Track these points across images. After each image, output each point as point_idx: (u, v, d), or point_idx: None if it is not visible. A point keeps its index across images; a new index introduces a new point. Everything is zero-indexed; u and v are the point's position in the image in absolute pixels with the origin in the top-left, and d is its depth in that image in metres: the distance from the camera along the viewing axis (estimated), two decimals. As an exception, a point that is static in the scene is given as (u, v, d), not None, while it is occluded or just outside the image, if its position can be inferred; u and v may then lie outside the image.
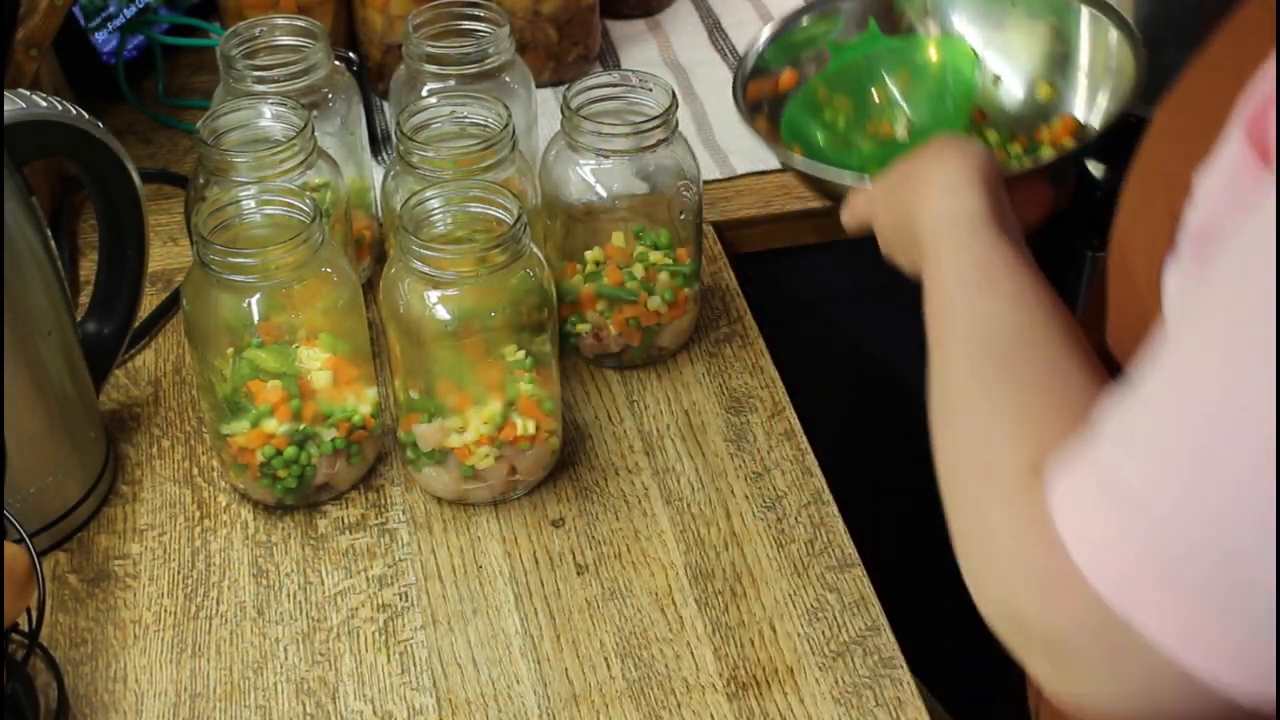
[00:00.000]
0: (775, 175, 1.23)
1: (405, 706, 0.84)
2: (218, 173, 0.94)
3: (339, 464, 0.93)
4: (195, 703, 0.84)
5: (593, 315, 1.02)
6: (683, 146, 0.99)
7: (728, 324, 1.09)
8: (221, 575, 0.91)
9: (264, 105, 0.98)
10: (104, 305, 0.97)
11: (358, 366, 0.93)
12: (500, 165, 0.95)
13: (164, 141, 1.29)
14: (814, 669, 0.85)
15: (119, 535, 0.94)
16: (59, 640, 0.87)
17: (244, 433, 0.90)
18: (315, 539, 0.93)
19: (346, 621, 0.88)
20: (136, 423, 1.01)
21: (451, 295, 0.87)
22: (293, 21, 1.05)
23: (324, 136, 1.00)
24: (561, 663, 0.86)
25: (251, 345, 0.88)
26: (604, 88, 0.99)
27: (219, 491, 0.96)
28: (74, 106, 0.89)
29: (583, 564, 0.91)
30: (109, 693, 0.85)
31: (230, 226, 0.88)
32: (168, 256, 1.15)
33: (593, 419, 1.01)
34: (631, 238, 1.01)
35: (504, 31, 1.05)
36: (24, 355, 0.87)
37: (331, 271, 0.89)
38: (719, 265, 1.14)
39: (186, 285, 0.89)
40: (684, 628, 0.88)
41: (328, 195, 0.98)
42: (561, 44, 1.31)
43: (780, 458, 0.98)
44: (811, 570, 0.91)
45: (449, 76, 1.04)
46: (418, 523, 0.94)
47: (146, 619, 0.89)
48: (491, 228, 0.88)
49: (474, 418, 0.91)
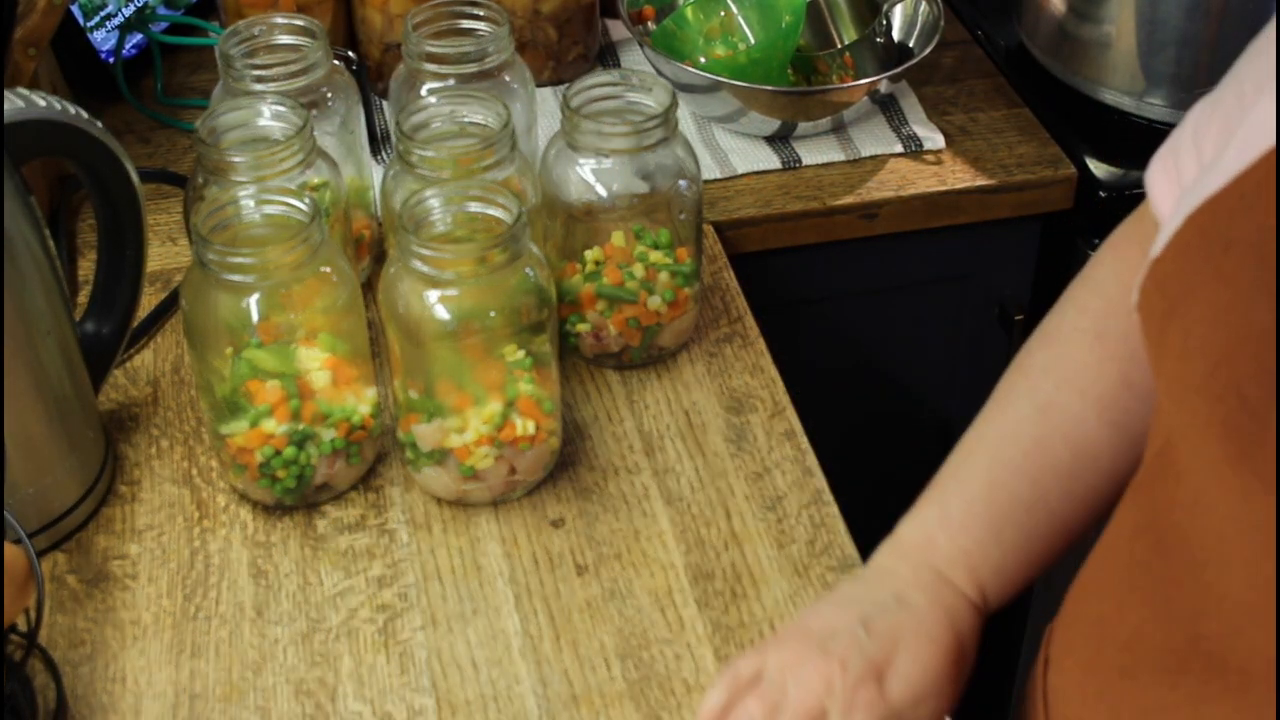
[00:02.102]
0: (775, 175, 1.23)
1: (405, 707, 0.84)
2: (217, 172, 0.94)
3: (338, 464, 0.93)
4: (194, 703, 0.84)
5: (593, 315, 1.02)
6: (683, 146, 0.99)
7: (728, 324, 1.09)
8: (220, 576, 0.91)
9: (263, 105, 0.97)
10: (103, 305, 0.97)
11: (357, 366, 0.92)
12: (500, 165, 0.95)
13: (163, 141, 1.29)
14: (814, 670, 0.85)
15: (118, 535, 0.94)
16: (57, 641, 0.87)
17: (243, 433, 0.90)
18: (314, 539, 0.93)
19: (346, 622, 0.88)
20: (135, 423, 1.01)
21: (451, 295, 0.86)
22: (292, 21, 1.04)
23: (323, 136, 1.00)
24: (561, 663, 0.86)
25: (250, 345, 0.88)
26: (604, 87, 0.99)
27: (218, 492, 0.96)
28: (72, 106, 0.89)
29: (583, 564, 0.91)
30: (107, 693, 0.84)
31: (229, 226, 0.88)
32: (166, 256, 1.15)
33: (593, 419, 1.01)
34: (631, 237, 1.01)
35: (504, 31, 1.05)
36: (23, 355, 0.87)
37: (331, 271, 0.88)
38: (719, 265, 1.14)
39: (185, 285, 0.88)
40: (684, 628, 0.87)
41: (327, 195, 0.98)
42: (561, 44, 1.31)
43: (780, 458, 0.98)
44: (812, 571, 0.91)
45: (448, 76, 1.04)
46: (417, 523, 0.94)
47: (145, 619, 0.89)
48: (491, 227, 0.88)
49: (474, 418, 0.91)
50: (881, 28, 1.31)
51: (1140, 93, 1.25)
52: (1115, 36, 1.24)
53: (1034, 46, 1.33)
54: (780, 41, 1.25)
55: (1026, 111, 1.30)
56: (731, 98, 1.22)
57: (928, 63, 1.26)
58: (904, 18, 1.30)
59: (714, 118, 1.27)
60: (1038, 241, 1.29)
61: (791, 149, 1.25)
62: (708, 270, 1.12)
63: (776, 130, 1.24)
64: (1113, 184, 1.22)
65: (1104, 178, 1.22)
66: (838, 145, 1.25)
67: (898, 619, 0.75)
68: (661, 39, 1.27)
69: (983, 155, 1.25)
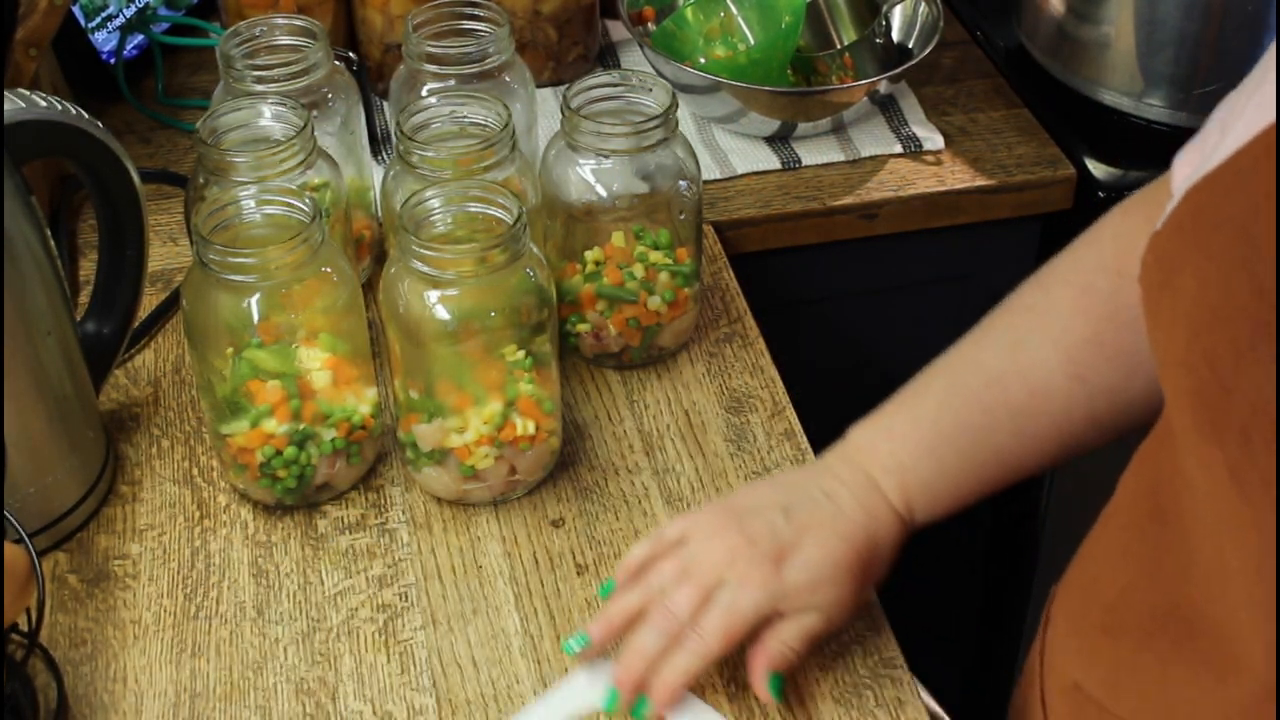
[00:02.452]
0: (775, 175, 1.23)
1: (405, 707, 0.84)
2: (217, 172, 0.94)
3: (339, 464, 0.93)
4: (195, 703, 0.84)
5: (593, 315, 1.02)
6: (683, 146, 0.99)
7: (728, 324, 1.09)
8: (221, 575, 0.91)
9: (264, 105, 0.97)
10: (104, 305, 0.97)
11: (357, 366, 0.92)
12: (500, 165, 0.95)
13: (163, 141, 1.29)
14: (814, 669, 0.85)
15: (118, 535, 0.94)
16: (58, 640, 0.87)
17: (243, 433, 0.90)
18: (315, 539, 0.93)
19: (346, 622, 0.88)
20: (136, 423, 1.01)
21: (451, 295, 0.87)
22: (292, 21, 1.05)
23: (324, 136, 1.00)
24: (561, 663, 0.86)
25: (251, 345, 0.88)
26: (604, 88, 0.99)
27: (219, 491, 0.96)
28: (73, 106, 0.89)
29: (583, 564, 0.91)
30: (108, 693, 0.85)
31: (230, 226, 0.88)
32: (167, 256, 1.15)
33: (593, 419, 1.01)
34: (631, 238, 1.01)
35: (504, 31, 1.05)
36: (23, 355, 0.87)
37: (331, 271, 0.88)
38: (719, 265, 1.14)
39: (186, 285, 0.89)
40: (684, 628, 0.87)
41: (327, 195, 0.98)
42: (561, 44, 1.31)
43: (780, 458, 0.98)
44: (811, 570, 0.91)
45: (449, 76, 1.04)
46: (417, 523, 0.94)
47: (146, 619, 0.89)
48: (491, 227, 0.88)
49: (474, 418, 0.91)
50: (881, 28, 1.31)
51: (1139, 93, 1.25)
52: (1114, 37, 1.24)
53: (1033, 47, 1.33)
54: (780, 42, 1.25)
55: (1026, 112, 1.30)
56: (731, 98, 1.22)
57: (927, 63, 1.26)
58: (903, 18, 1.30)
59: (714, 118, 1.27)
60: (1037, 242, 1.29)
61: (791, 149, 1.25)
62: (708, 270, 1.13)
63: (776, 131, 1.25)
64: (1112, 184, 1.22)
65: (1103, 178, 1.22)
66: (837, 146, 1.25)
67: (818, 512, 0.80)
68: (661, 39, 1.27)
69: (982, 156, 1.25)
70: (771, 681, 0.77)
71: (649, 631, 0.78)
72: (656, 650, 0.78)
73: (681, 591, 0.78)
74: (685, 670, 0.77)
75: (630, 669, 0.78)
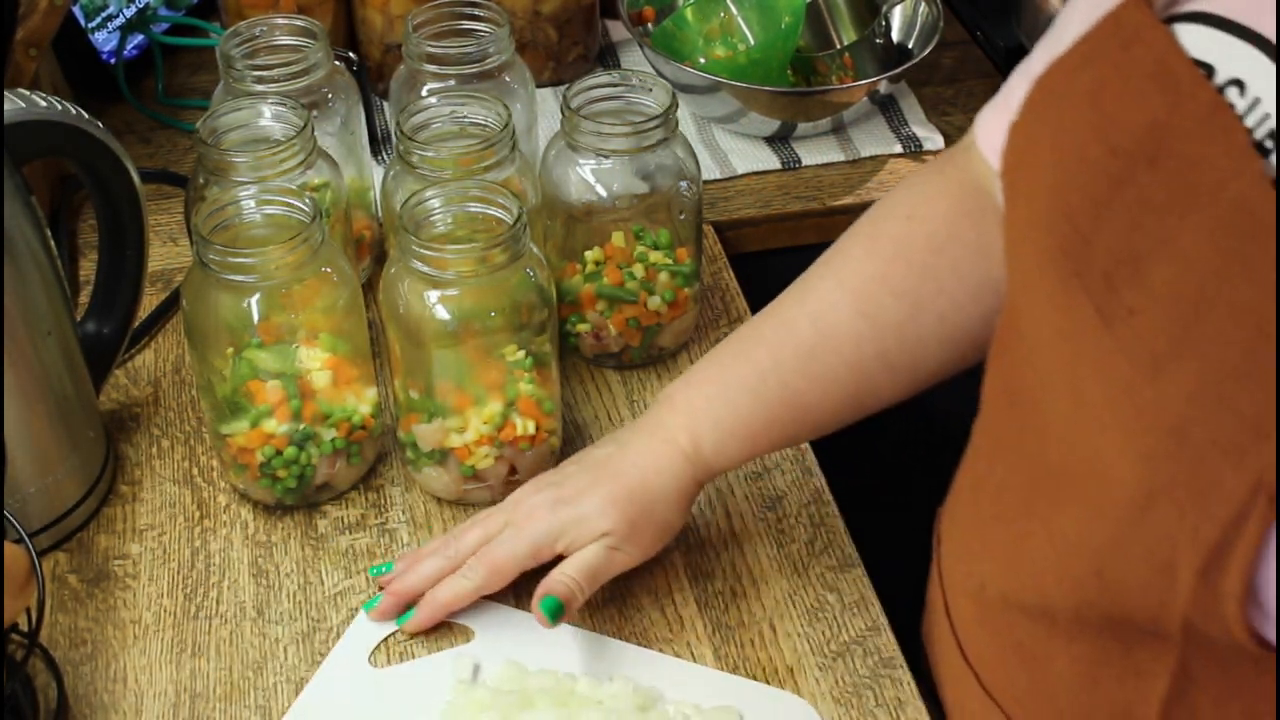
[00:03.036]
0: (775, 175, 1.23)
1: (405, 707, 0.84)
2: (217, 172, 0.94)
3: (339, 464, 0.93)
4: (195, 703, 0.84)
5: (593, 315, 1.02)
6: (683, 146, 0.99)
7: (728, 324, 1.09)
8: (221, 575, 0.91)
9: (264, 105, 0.97)
10: (104, 305, 0.97)
11: (357, 366, 0.92)
12: (500, 165, 0.95)
13: (164, 141, 1.29)
14: (814, 669, 0.85)
15: (119, 535, 0.94)
16: (59, 640, 0.87)
17: (244, 433, 0.90)
18: (315, 539, 0.93)
19: (346, 621, 0.88)
20: (136, 423, 1.01)
21: (451, 295, 0.87)
22: (292, 21, 1.05)
23: (324, 136, 1.00)
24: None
25: (251, 345, 0.88)
26: (604, 88, 0.99)
27: (219, 492, 0.96)
28: (73, 106, 0.89)
29: (583, 564, 0.91)
30: (109, 693, 0.85)
31: (230, 226, 0.88)
32: (167, 256, 1.15)
33: (593, 419, 1.01)
34: (631, 238, 1.01)
35: (504, 31, 1.05)
36: (24, 355, 0.87)
37: (331, 271, 0.89)
38: (719, 265, 1.14)
39: (186, 285, 0.89)
40: (684, 628, 0.88)
41: (327, 195, 0.98)
42: (561, 44, 1.31)
43: (780, 458, 0.98)
44: (812, 570, 0.91)
45: (449, 76, 1.04)
46: (418, 523, 0.94)
47: (146, 619, 0.89)
48: (491, 227, 0.88)
49: (474, 418, 0.91)
50: (881, 28, 1.31)
51: (1139, 93, 1.25)
52: (1114, 37, 1.24)
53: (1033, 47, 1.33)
54: (780, 42, 1.25)
55: (1026, 112, 1.30)
56: (731, 98, 1.22)
57: (927, 63, 1.27)
58: (903, 18, 1.30)
59: (714, 118, 1.27)
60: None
61: (791, 149, 1.25)
62: (708, 270, 1.13)
63: (776, 131, 1.25)
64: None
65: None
66: (837, 146, 1.25)
67: (608, 457, 0.87)
68: (661, 40, 1.27)
69: (982, 155, 1.25)
70: (544, 603, 0.82)
71: (433, 559, 0.87)
72: (435, 572, 0.86)
73: (470, 533, 0.87)
74: (453, 591, 0.85)
75: (405, 581, 0.87)
